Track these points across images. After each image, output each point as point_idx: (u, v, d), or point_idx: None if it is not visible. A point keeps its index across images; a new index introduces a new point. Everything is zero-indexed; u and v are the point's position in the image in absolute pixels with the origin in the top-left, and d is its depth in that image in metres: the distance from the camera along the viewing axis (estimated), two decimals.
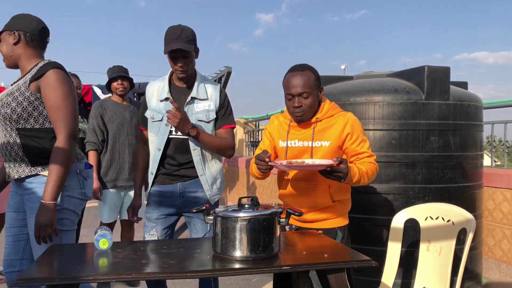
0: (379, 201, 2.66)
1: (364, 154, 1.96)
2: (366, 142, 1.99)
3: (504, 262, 3.38)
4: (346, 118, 1.99)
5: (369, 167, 1.93)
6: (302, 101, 1.96)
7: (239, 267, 1.48)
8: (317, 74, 2.02)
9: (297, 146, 2.05)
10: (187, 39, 2.21)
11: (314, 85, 1.97)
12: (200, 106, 2.32)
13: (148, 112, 2.36)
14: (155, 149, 2.34)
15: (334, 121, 2.00)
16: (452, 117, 2.69)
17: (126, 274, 1.43)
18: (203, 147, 2.31)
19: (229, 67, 5.29)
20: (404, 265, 2.48)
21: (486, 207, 3.45)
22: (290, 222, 2.06)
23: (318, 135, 2.01)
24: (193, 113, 2.30)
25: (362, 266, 1.56)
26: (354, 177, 1.85)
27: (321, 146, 1.99)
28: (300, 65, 2.03)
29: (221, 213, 1.59)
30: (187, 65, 2.26)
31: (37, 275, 1.38)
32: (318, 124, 2.01)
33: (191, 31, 2.25)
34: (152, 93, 2.37)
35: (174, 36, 2.20)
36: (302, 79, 1.95)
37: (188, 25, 2.25)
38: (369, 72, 3.20)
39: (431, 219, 2.25)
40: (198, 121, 2.30)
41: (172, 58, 2.25)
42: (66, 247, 1.85)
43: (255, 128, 8.08)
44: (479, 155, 2.90)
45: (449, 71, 2.69)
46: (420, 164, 2.64)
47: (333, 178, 1.82)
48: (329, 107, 2.05)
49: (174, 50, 2.19)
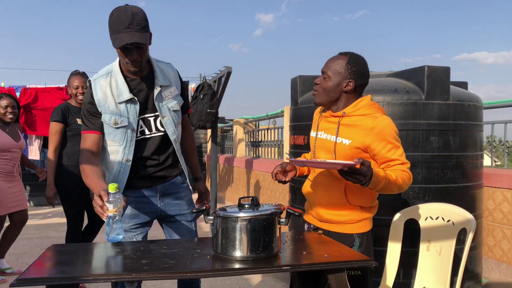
0: (379, 201, 2.66)
1: (395, 162, 1.79)
2: (399, 149, 1.82)
3: (504, 262, 3.38)
4: (376, 121, 1.80)
5: (401, 175, 1.76)
6: (321, 80, 1.89)
7: (239, 267, 1.48)
8: (355, 65, 1.85)
9: (322, 138, 1.96)
10: (140, 26, 1.85)
11: (338, 72, 1.85)
12: (168, 94, 2.06)
13: (107, 116, 1.97)
14: (122, 160, 2.00)
15: (363, 121, 1.83)
16: (452, 117, 2.69)
17: (126, 274, 1.43)
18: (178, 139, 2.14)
19: (229, 67, 5.28)
20: (404, 265, 2.48)
21: (486, 207, 3.44)
22: (310, 221, 2.03)
23: (342, 130, 1.87)
24: (166, 104, 2.05)
25: (362, 266, 1.55)
26: (379, 184, 1.70)
27: (342, 143, 1.86)
28: (349, 52, 1.91)
29: (221, 213, 1.59)
30: (142, 57, 1.92)
31: (37, 275, 1.38)
32: (345, 119, 1.87)
33: (143, 13, 1.88)
34: (104, 92, 1.98)
35: (123, 24, 1.82)
36: (332, 60, 1.88)
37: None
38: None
39: (431, 219, 2.25)
40: (173, 111, 2.07)
41: (123, 50, 1.89)
42: (66, 247, 1.85)
43: (255, 128, 8.08)
44: (479, 155, 2.90)
45: (449, 71, 2.69)
46: (420, 164, 2.64)
47: (353, 181, 1.66)
48: (363, 104, 1.87)
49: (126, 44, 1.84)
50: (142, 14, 1.88)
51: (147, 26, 1.89)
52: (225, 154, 9.29)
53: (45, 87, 6.84)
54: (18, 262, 4.27)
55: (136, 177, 2.06)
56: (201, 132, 9.91)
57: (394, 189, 1.77)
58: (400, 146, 1.84)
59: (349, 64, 1.85)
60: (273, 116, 6.93)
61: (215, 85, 5.59)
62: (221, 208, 1.65)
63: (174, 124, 2.10)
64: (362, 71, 1.87)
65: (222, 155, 9.07)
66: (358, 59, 1.88)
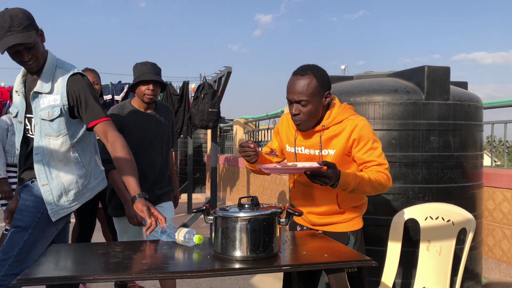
0: (379, 201, 2.66)
1: (372, 163, 1.80)
2: (376, 149, 1.81)
3: (504, 262, 3.38)
4: (354, 123, 1.81)
5: (375, 176, 1.76)
6: (300, 108, 1.80)
7: (239, 267, 1.48)
8: (323, 78, 1.82)
9: (304, 153, 1.92)
10: (22, 27, 1.81)
11: (315, 92, 1.79)
12: (46, 101, 1.98)
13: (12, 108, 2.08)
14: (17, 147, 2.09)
15: (342, 127, 1.83)
16: (452, 117, 2.69)
17: (126, 274, 1.43)
18: (47, 152, 2.00)
19: (229, 67, 5.29)
20: (404, 265, 2.48)
21: (486, 207, 3.45)
22: (302, 223, 2.04)
23: (325, 143, 1.85)
24: (39, 111, 1.98)
25: (362, 266, 1.56)
26: (349, 185, 1.71)
27: (328, 155, 1.85)
28: (304, 67, 1.83)
29: (221, 213, 1.59)
30: (36, 56, 1.90)
31: (37, 275, 1.38)
32: (325, 132, 1.85)
33: (22, 13, 1.84)
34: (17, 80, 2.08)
35: (4, 28, 1.79)
36: (301, 85, 1.78)
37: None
38: (369, 72, 3.20)
39: (431, 219, 2.25)
40: (42, 120, 1.98)
41: (12, 55, 1.86)
42: (66, 247, 1.85)
43: (255, 128, 8.08)
44: (479, 155, 2.90)
45: (449, 71, 2.69)
46: (420, 164, 2.64)
47: (319, 183, 1.68)
48: (337, 112, 1.86)
49: (11, 46, 1.80)
50: (22, 14, 1.84)
51: (31, 25, 1.86)
52: (225, 154, 9.29)
53: None
54: None
55: (20, 171, 2.13)
56: (201, 132, 9.91)
57: (367, 190, 1.76)
58: (379, 146, 1.83)
59: (317, 79, 1.80)
60: (273, 116, 6.93)
61: (215, 85, 5.60)
62: (221, 208, 1.65)
63: (41, 134, 2.00)
64: (328, 79, 1.87)
65: (222, 155, 9.07)
66: (320, 70, 1.84)
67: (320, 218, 1.95)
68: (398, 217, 2.31)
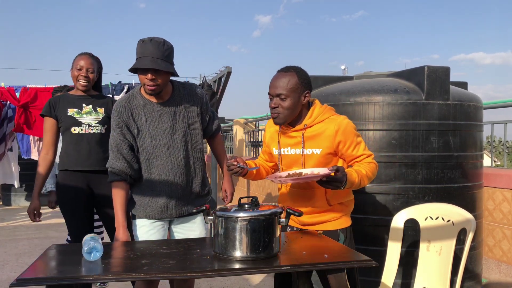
0: (379, 201, 2.66)
1: (361, 157, 1.92)
2: (361, 144, 1.94)
3: (504, 262, 3.38)
4: (337, 124, 1.90)
5: (369, 168, 1.90)
6: (279, 102, 1.90)
7: (239, 267, 1.48)
8: (304, 77, 1.94)
9: (289, 154, 2.01)
10: None
11: (294, 88, 1.89)
12: None
13: None
14: None
15: (325, 127, 1.92)
16: (452, 117, 2.69)
17: (126, 274, 1.43)
18: None
19: (229, 67, 5.29)
20: (404, 265, 2.48)
21: (486, 207, 3.45)
22: (292, 224, 2.06)
23: (308, 142, 1.94)
24: None
25: (362, 266, 1.56)
26: (354, 183, 1.81)
27: (313, 154, 1.94)
28: (288, 66, 1.95)
29: (221, 213, 1.59)
30: None
31: (37, 275, 1.38)
32: (308, 131, 1.94)
33: None
34: None
35: None
36: (282, 80, 1.89)
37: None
38: (369, 72, 3.20)
39: (431, 219, 2.25)
40: None
41: None
42: (66, 247, 1.85)
43: (255, 128, 8.07)
44: (479, 155, 2.90)
45: (449, 71, 2.69)
46: (420, 164, 2.64)
47: (331, 187, 1.77)
48: (319, 112, 1.96)
49: None
50: None
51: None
52: None
53: (45, 87, 6.84)
54: (18, 262, 4.26)
55: None
56: None
57: (366, 182, 1.89)
58: (361, 140, 1.95)
59: (298, 77, 1.91)
60: None
61: (215, 85, 5.59)
62: (221, 208, 1.65)
63: None
64: (309, 80, 1.97)
65: None
66: (302, 71, 1.96)
67: (310, 217, 2.00)
68: (398, 217, 2.31)
